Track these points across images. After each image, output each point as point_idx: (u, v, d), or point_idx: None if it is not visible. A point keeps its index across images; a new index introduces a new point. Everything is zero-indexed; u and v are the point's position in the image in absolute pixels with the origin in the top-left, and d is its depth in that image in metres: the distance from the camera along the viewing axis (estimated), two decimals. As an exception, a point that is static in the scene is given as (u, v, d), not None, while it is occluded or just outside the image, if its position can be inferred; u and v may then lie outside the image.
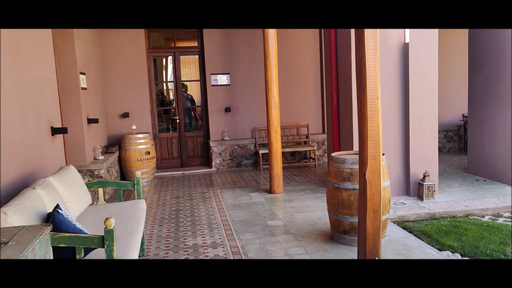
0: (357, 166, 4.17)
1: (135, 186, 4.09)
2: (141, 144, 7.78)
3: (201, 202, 6.22)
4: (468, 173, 7.19)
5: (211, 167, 8.72)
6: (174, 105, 9.09)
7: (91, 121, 6.54)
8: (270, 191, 6.55)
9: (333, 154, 4.50)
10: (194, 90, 10.01)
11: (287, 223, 5.07)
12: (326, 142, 8.98)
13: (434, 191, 5.72)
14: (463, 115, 9.20)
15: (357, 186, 4.14)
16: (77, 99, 6.14)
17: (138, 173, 4.09)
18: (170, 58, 9.09)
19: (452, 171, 7.47)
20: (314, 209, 5.60)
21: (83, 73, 6.42)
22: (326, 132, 7.19)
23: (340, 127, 6.28)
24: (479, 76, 6.83)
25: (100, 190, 4.12)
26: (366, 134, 3.21)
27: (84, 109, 6.35)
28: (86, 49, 6.76)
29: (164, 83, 10.30)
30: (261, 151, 8.31)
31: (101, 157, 6.72)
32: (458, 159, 8.68)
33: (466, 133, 9.29)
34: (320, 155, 9.00)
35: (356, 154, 4.64)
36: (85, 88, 6.45)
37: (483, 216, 5.26)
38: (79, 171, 6.21)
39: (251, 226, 5.01)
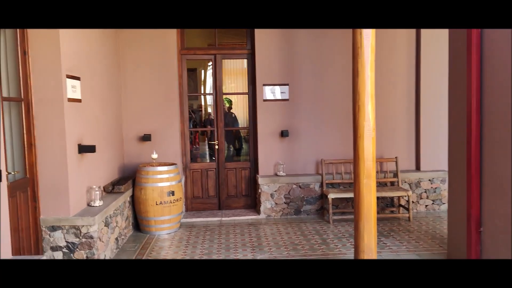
0: None
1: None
2: (163, 181, 5.52)
3: (244, 289, 3.80)
4: None
5: (259, 212, 6.31)
6: (211, 125, 6.82)
7: (84, 149, 4.35)
8: (355, 271, 4.03)
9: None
10: (239, 107, 7.75)
11: None
12: (422, 183, 6.33)
13: None
14: None
15: None
16: (59, 115, 3.97)
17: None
18: (210, 64, 6.88)
19: None
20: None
21: (76, 78, 4.28)
22: (448, 172, 4.59)
23: (483, 174, 3.69)
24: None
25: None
26: None
27: (73, 130, 4.18)
28: (85, 44, 4.63)
29: (202, 96, 8.08)
30: (331, 195, 5.81)
31: (98, 203, 4.50)
32: None
33: None
34: (414, 202, 6.35)
35: None
36: (77, 100, 4.29)
37: None
38: (56, 227, 4.00)
39: None
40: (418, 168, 6.49)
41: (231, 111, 7.14)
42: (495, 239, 3.56)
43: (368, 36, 3.78)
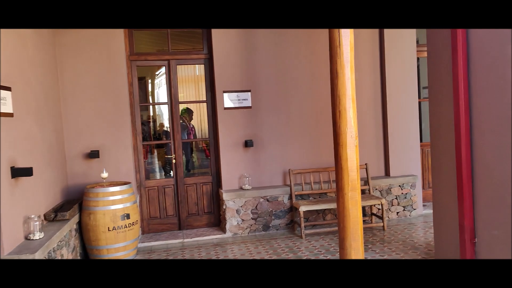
0: None
1: None
2: (116, 203, 4.84)
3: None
4: None
5: (224, 231, 5.77)
6: (167, 138, 6.22)
7: (19, 172, 3.63)
8: (343, 295, 3.62)
9: None
10: (196, 115, 7.21)
11: None
12: (392, 189, 6.11)
13: None
14: None
15: None
16: (-15, 134, 3.25)
17: None
18: (163, 69, 6.30)
19: None
20: None
21: (6, 88, 3.56)
22: (432, 180, 4.34)
23: (474, 181, 3.43)
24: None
25: None
26: None
27: (4, 151, 3.46)
28: (17, 50, 3.92)
29: (151, 106, 7.45)
30: (302, 208, 5.41)
31: (38, 236, 3.78)
32: None
33: None
34: (386, 210, 6.10)
35: None
36: (8, 114, 3.58)
37: None
38: (-15, 272, 3.22)
39: None
40: (387, 174, 6.27)
41: (191, 122, 6.58)
42: (492, 250, 3.30)
43: (347, 34, 3.39)
